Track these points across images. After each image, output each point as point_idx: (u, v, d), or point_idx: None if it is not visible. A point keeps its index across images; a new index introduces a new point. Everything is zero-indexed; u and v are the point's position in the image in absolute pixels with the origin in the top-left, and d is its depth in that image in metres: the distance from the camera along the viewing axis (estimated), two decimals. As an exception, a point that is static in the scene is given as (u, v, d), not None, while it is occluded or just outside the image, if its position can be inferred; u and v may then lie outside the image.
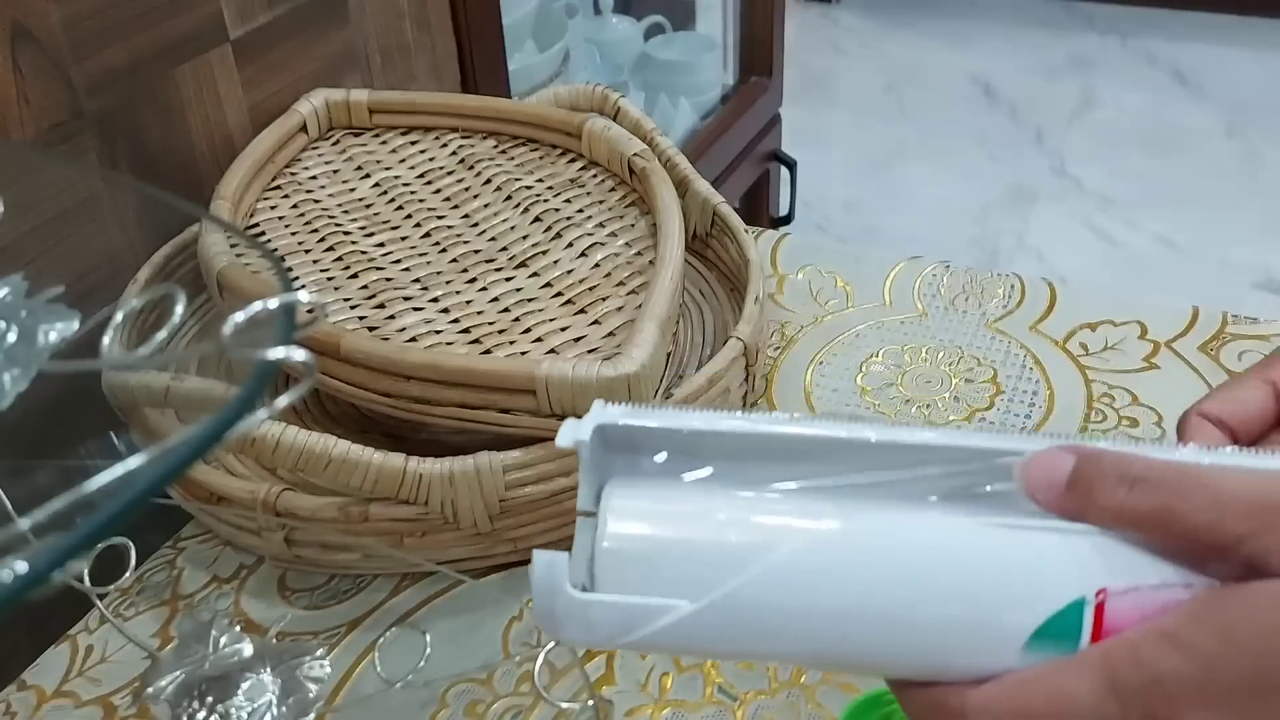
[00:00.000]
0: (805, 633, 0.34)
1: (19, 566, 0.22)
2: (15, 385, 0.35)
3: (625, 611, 0.33)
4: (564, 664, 0.55)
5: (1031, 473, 0.33)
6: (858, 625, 0.33)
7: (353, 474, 0.55)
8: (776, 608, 0.33)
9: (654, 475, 0.35)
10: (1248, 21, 2.73)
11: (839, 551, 0.34)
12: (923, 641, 0.33)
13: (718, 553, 0.34)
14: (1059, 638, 0.32)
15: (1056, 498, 0.33)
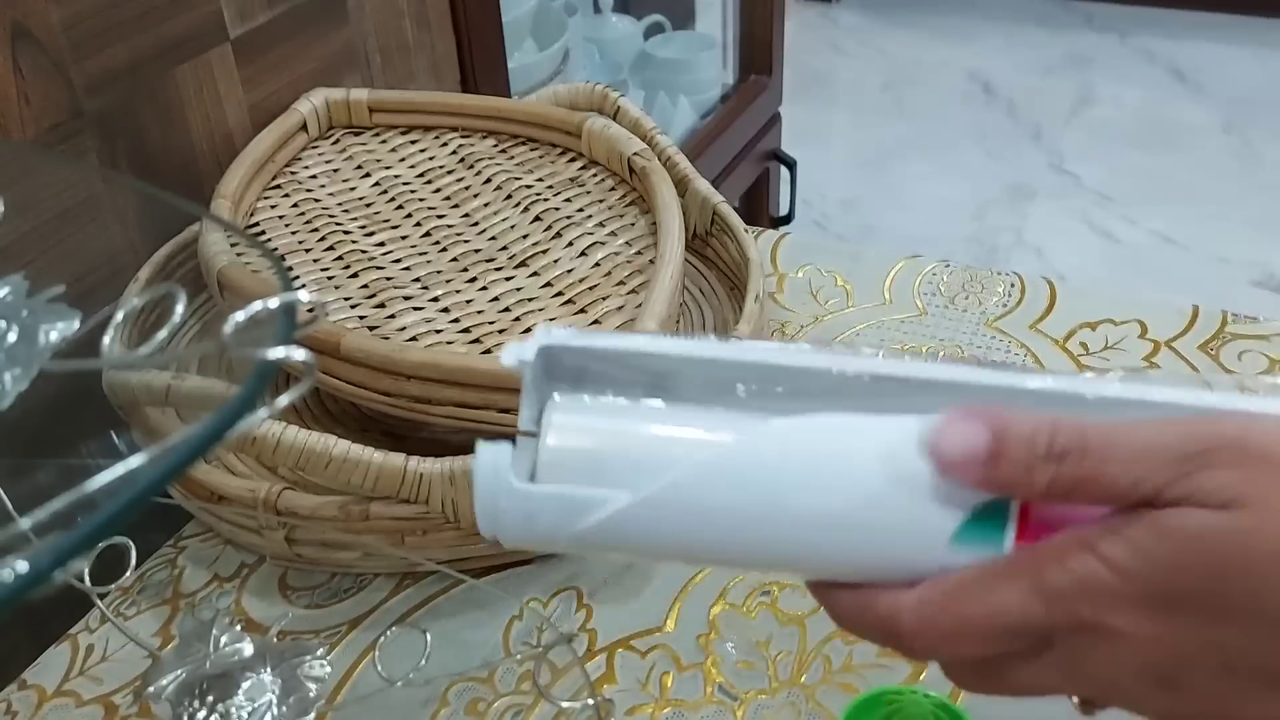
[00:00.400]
0: (738, 528, 0.34)
1: (20, 566, 0.22)
2: (16, 385, 0.35)
3: (566, 503, 0.34)
4: (565, 663, 0.55)
5: (944, 451, 0.32)
6: (788, 522, 0.33)
7: (353, 473, 0.55)
8: (710, 503, 0.33)
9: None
10: (1246, 20, 2.73)
11: (772, 447, 0.34)
12: (851, 539, 0.33)
13: (657, 452, 0.34)
14: (984, 534, 0.32)
15: (976, 476, 0.32)
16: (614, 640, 0.56)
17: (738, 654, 0.55)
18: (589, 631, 0.57)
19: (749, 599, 0.57)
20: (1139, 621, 0.31)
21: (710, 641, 0.56)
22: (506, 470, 0.34)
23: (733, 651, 0.55)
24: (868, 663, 0.54)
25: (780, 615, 0.57)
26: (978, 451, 0.32)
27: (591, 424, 0.35)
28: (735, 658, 0.55)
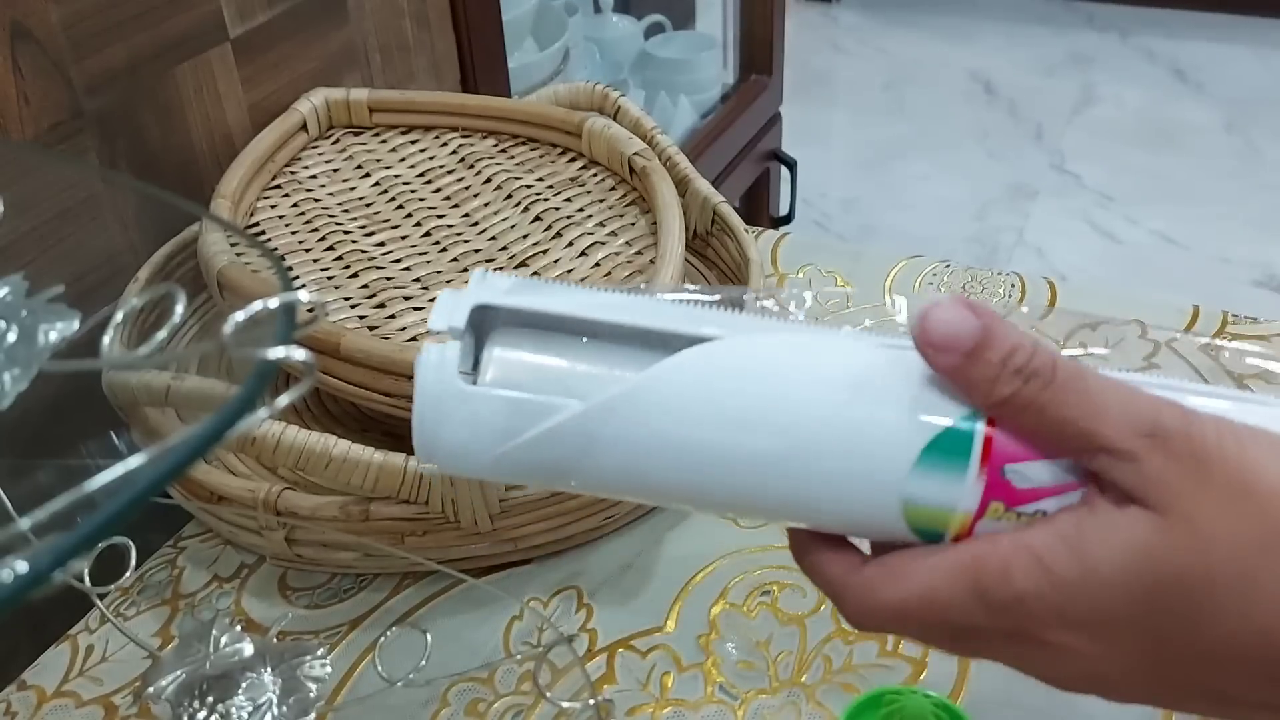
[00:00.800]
0: (693, 444, 0.32)
1: (19, 566, 0.22)
2: (16, 385, 0.35)
3: (515, 407, 0.32)
4: (565, 663, 0.55)
5: (931, 326, 0.32)
6: (746, 438, 0.32)
7: (353, 473, 0.55)
8: (662, 415, 0.32)
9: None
10: (1247, 20, 2.73)
11: (731, 358, 0.33)
12: (811, 459, 0.32)
13: (609, 364, 0.33)
14: (948, 458, 0.32)
15: (951, 363, 0.31)
16: (614, 640, 0.56)
17: (738, 654, 0.55)
18: (589, 631, 0.57)
19: (749, 599, 0.57)
20: (1081, 640, 0.31)
21: (710, 641, 0.56)
22: (453, 371, 0.32)
23: (733, 651, 0.55)
24: (868, 663, 0.54)
25: (780, 615, 0.57)
26: (963, 339, 0.31)
27: (538, 339, 0.33)
28: (736, 658, 0.55)
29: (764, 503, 0.34)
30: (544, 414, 0.32)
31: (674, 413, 0.32)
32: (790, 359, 0.33)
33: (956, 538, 0.33)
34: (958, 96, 2.57)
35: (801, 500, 0.33)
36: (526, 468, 0.33)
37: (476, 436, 0.32)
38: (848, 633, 0.55)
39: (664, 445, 0.33)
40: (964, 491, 0.32)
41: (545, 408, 0.32)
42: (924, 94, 2.59)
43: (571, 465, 0.33)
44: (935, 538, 0.33)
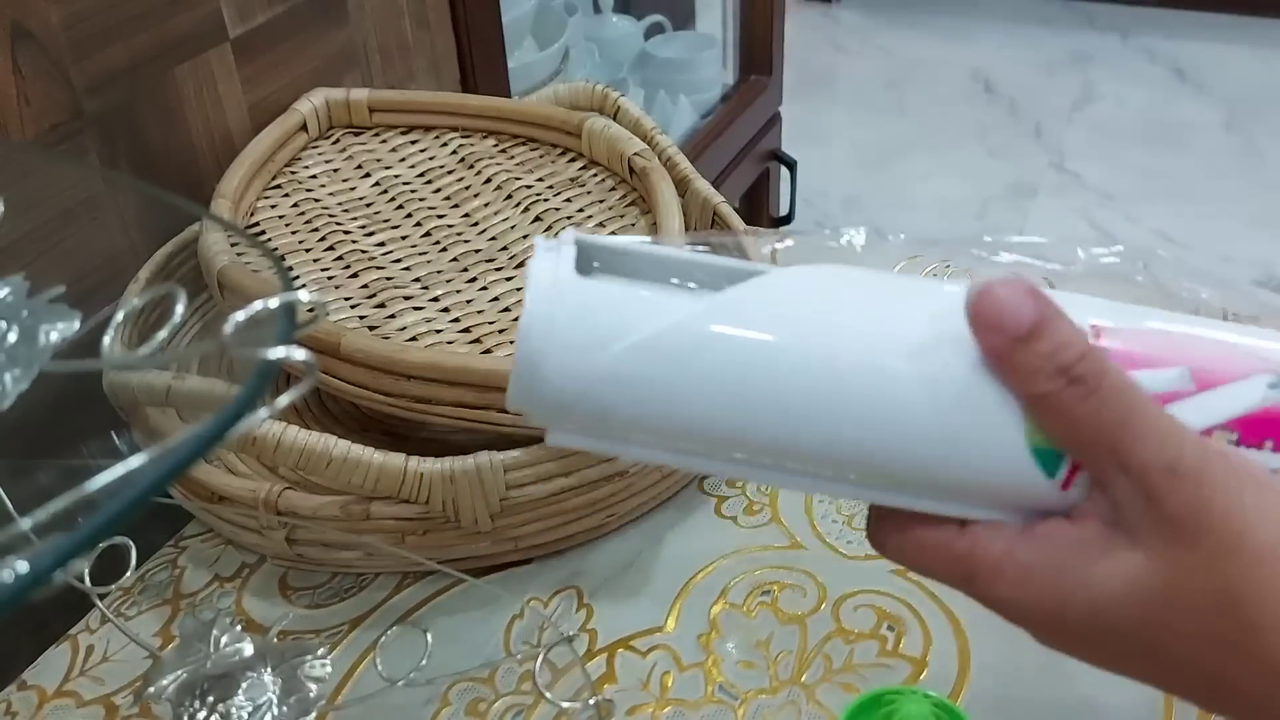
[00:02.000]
0: (798, 378, 0.31)
1: (20, 566, 0.22)
2: (16, 385, 0.35)
3: (629, 303, 0.31)
4: (565, 663, 0.55)
5: (986, 304, 0.31)
6: (873, 347, 0.31)
7: (354, 473, 0.55)
8: (778, 320, 0.31)
9: None
10: (1247, 19, 2.73)
11: (846, 275, 0.33)
12: (938, 370, 0.31)
13: (712, 285, 0.32)
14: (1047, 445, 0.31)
15: (999, 346, 0.31)
16: (614, 640, 0.56)
17: (738, 654, 0.55)
18: (589, 631, 0.57)
19: (749, 599, 0.58)
20: (1076, 651, 0.34)
21: (711, 641, 0.56)
22: (570, 264, 0.31)
23: (733, 651, 0.55)
24: (868, 663, 0.54)
25: (780, 615, 0.57)
26: (1017, 324, 0.30)
27: (636, 250, 0.33)
28: (736, 657, 0.55)
29: (875, 442, 0.32)
30: (655, 313, 0.31)
31: (790, 320, 0.31)
32: (910, 285, 0.33)
33: (1075, 464, 0.32)
34: (958, 96, 2.57)
35: (925, 427, 0.31)
36: (630, 380, 0.31)
37: (586, 329, 0.31)
38: (848, 632, 0.55)
39: (777, 357, 0.31)
40: None
41: (657, 307, 0.31)
42: (924, 94, 2.59)
43: (675, 382, 0.31)
44: (1054, 461, 0.32)
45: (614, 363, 0.31)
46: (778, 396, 0.31)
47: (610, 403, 0.32)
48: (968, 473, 0.32)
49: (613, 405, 0.32)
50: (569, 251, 0.32)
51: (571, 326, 0.31)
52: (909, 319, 0.32)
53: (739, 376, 0.31)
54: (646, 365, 0.31)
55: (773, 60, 1.64)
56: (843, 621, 0.56)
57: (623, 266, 0.33)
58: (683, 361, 0.31)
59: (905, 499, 0.33)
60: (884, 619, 0.56)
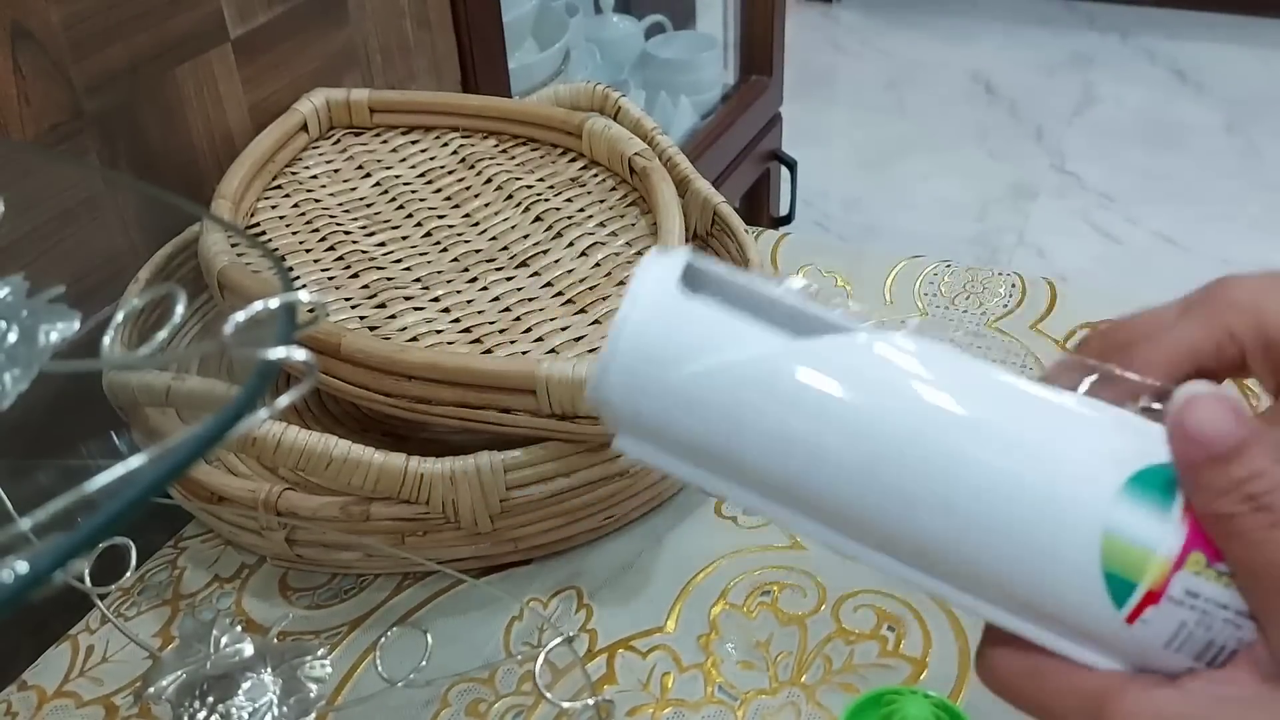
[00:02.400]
0: (879, 437, 0.30)
1: (20, 566, 0.22)
2: (16, 385, 0.35)
3: (718, 329, 0.31)
4: (565, 664, 0.55)
5: (1195, 418, 0.30)
6: (950, 429, 0.30)
7: (354, 473, 0.55)
8: (857, 384, 0.31)
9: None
10: (1248, 20, 2.73)
11: (941, 352, 0.32)
12: (1007, 464, 0.30)
13: (816, 321, 0.32)
14: (1153, 491, 0.30)
15: (1198, 460, 0.30)
16: (614, 641, 0.56)
17: (738, 654, 0.55)
18: (589, 632, 0.57)
19: (749, 599, 0.57)
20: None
21: (711, 642, 0.56)
22: (675, 277, 0.31)
23: (733, 652, 0.55)
24: (868, 663, 0.54)
25: (780, 615, 0.57)
26: (1218, 444, 0.29)
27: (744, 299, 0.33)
28: (736, 658, 0.55)
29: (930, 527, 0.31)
30: (742, 343, 0.31)
31: (871, 384, 0.31)
32: (999, 376, 0.32)
33: (1148, 595, 0.30)
34: (958, 97, 2.58)
35: (988, 521, 0.31)
36: (700, 403, 0.31)
37: (672, 350, 0.31)
38: (848, 632, 0.55)
39: (846, 416, 0.31)
40: (1168, 531, 0.30)
41: (747, 338, 0.31)
42: (924, 94, 2.59)
43: (743, 415, 0.31)
44: (1126, 589, 0.30)
45: (688, 383, 0.31)
46: (839, 456, 0.31)
47: (679, 422, 0.32)
48: (1033, 578, 0.31)
49: (681, 425, 0.32)
50: (677, 265, 0.32)
51: (658, 338, 0.31)
52: (1004, 412, 0.31)
53: (807, 427, 0.31)
54: (718, 392, 0.31)
55: (773, 60, 1.64)
56: (843, 622, 0.56)
57: (729, 296, 0.33)
58: (755, 397, 0.31)
59: (969, 599, 0.32)
60: (884, 619, 0.56)
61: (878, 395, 0.31)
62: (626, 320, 0.31)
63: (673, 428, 0.32)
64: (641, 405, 0.32)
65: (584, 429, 0.55)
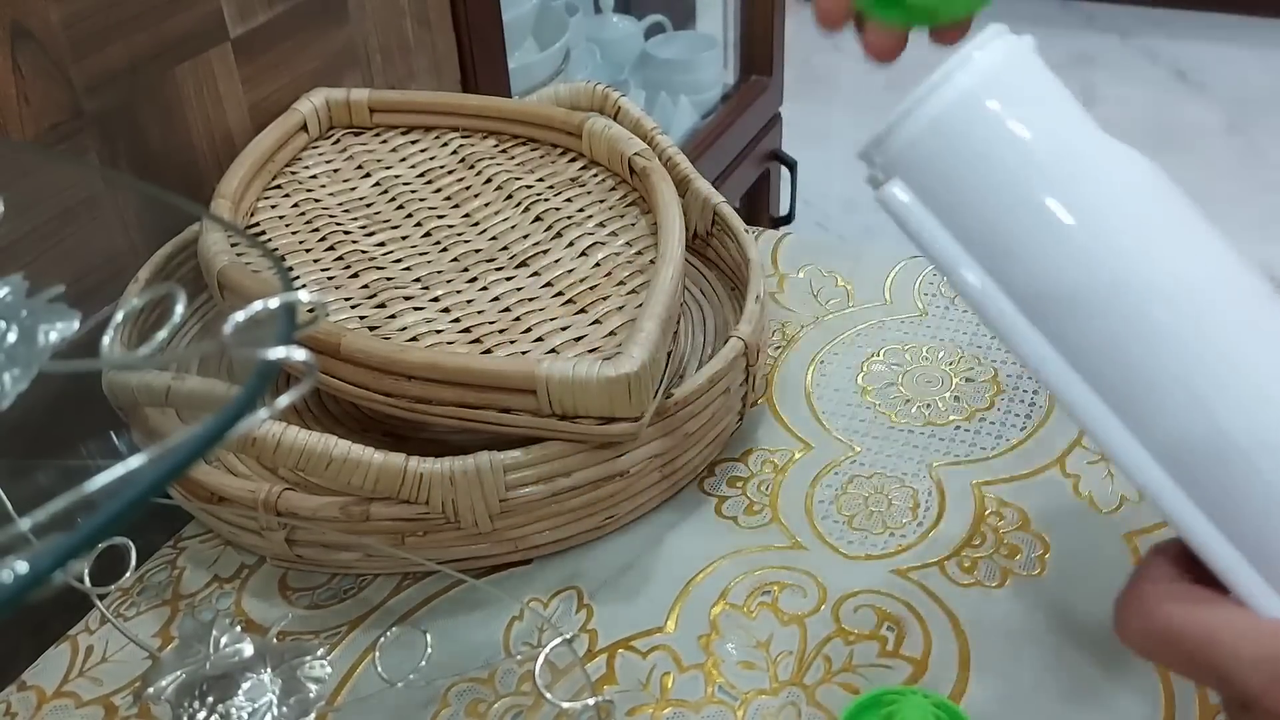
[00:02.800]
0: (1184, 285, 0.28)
1: (19, 566, 0.22)
2: (16, 385, 0.35)
3: (1070, 103, 0.31)
4: (565, 664, 0.55)
5: None
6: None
7: (354, 473, 0.55)
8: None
9: None
10: (1249, 20, 2.73)
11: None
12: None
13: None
14: None
15: None
16: (614, 641, 0.56)
17: (738, 654, 0.55)
18: (589, 632, 0.57)
19: (750, 599, 0.57)
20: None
21: (711, 642, 0.56)
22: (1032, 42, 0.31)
23: (733, 652, 0.55)
24: (868, 663, 0.54)
25: (780, 615, 0.57)
26: None
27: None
28: (736, 658, 0.55)
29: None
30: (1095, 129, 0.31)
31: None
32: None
33: None
34: (958, 97, 2.57)
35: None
36: (1038, 159, 0.30)
37: (1030, 92, 0.31)
38: (848, 632, 0.55)
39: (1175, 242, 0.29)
40: None
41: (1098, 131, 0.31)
42: (925, 94, 2.59)
43: (1083, 191, 0.30)
44: None
45: (1034, 137, 0.30)
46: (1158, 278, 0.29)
47: (995, 174, 0.30)
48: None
49: (995, 177, 0.30)
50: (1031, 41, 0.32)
51: (1015, 78, 0.31)
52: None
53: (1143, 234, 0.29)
54: (1056, 156, 0.30)
55: (773, 60, 1.64)
56: (843, 622, 0.56)
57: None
58: (1103, 180, 0.30)
59: (1184, 504, 0.29)
60: (884, 619, 0.56)
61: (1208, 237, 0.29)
62: (980, 51, 0.30)
63: (983, 180, 0.30)
64: (960, 148, 0.30)
65: (584, 429, 0.55)
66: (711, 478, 0.65)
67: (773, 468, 0.65)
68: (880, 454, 0.65)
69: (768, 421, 0.68)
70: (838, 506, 0.62)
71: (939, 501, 0.62)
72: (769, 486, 0.64)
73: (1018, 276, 0.31)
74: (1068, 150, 0.31)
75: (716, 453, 0.65)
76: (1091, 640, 0.54)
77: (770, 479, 0.64)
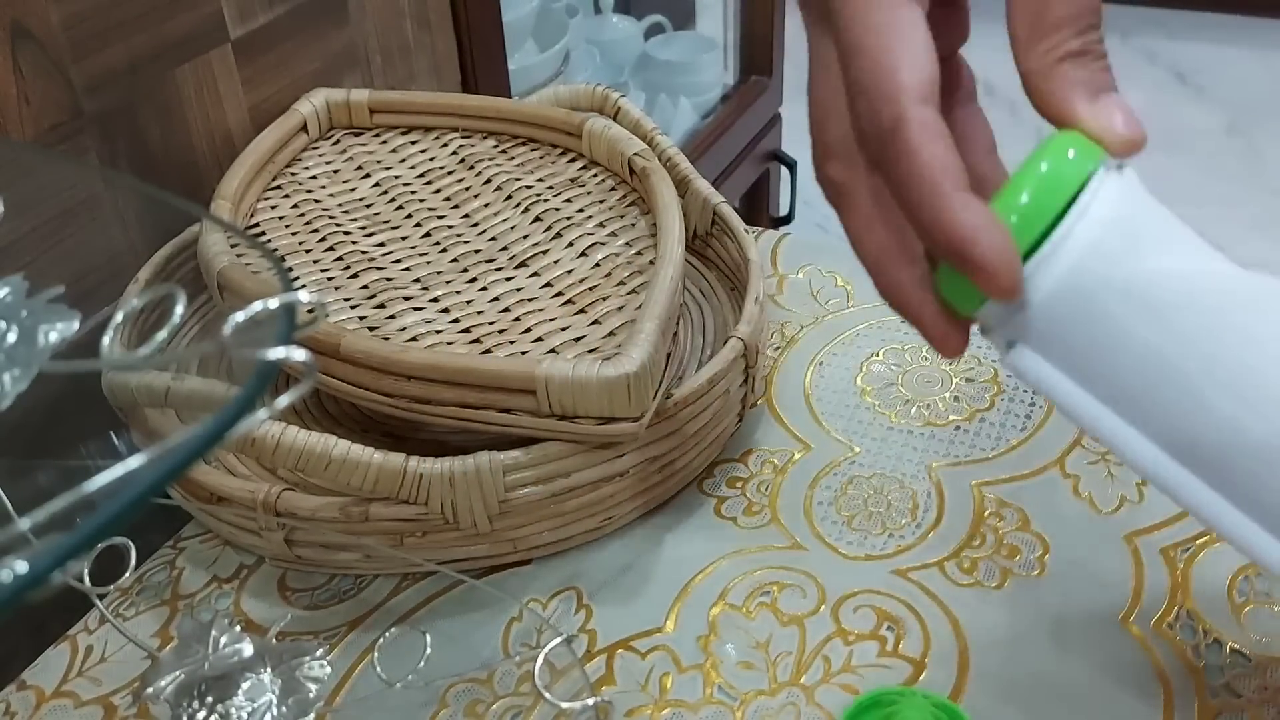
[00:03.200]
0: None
1: (19, 566, 0.22)
2: (15, 385, 0.35)
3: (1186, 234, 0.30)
4: (564, 664, 0.55)
5: None
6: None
7: (353, 474, 0.55)
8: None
9: None
10: (1249, 21, 2.73)
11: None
12: None
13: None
14: None
15: None
16: (614, 641, 0.56)
17: (737, 655, 0.55)
18: (589, 632, 0.57)
19: (749, 600, 0.57)
20: None
21: (710, 642, 0.56)
22: (1115, 172, 0.30)
23: (732, 652, 0.55)
24: (867, 663, 0.54)
25: (780, 616, 0.57)
26: None
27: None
28: (735, 658, 0.55)
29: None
30: (1210, 255, 0.31)
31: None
32: None
33: None
34: (958, 98, 2.57)
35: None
36: (1167, 304, 0.30)
37: (1132, 234, 0.30)
38: (848, 633, 0.55)
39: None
40: None
41: (1209, 253, 0.30)
42: (924, 95, 2.59)
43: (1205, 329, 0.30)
44: None
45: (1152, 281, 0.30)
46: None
47: (1120, 329, 0.30)
48: None
49: (1121, 334, 0.29)
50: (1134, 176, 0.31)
51: (1128, 230, 0.30)
52: None
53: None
54: (1194, 294, 0.30)
55: (773, 61, 1.65)
56: (842, 622, 0.56)
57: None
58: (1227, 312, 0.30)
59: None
60: (884, 619, 0.56)
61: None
62: (1089, 210, 0.30)
63: (1108, 337, 0.29)
64: (1094, 309, 0.29)
65: (584, 429, 0.55)
66: (711, 478, 0.65)
67: (772, 468, 0.65)
68: (880, 454, 0.65)
69: (767, 422, 0.68)
70: (837, 507, 0.62)
71: (938, 502, 0.62)
72: (768, 487, 0.64)
73: (1177, 427, 0.30)
74: (1212, 292, 0.30)
75: (716, 453, 0.65)
76: (1091, 640, 0.54)
77: (770, 479, 0.64)
